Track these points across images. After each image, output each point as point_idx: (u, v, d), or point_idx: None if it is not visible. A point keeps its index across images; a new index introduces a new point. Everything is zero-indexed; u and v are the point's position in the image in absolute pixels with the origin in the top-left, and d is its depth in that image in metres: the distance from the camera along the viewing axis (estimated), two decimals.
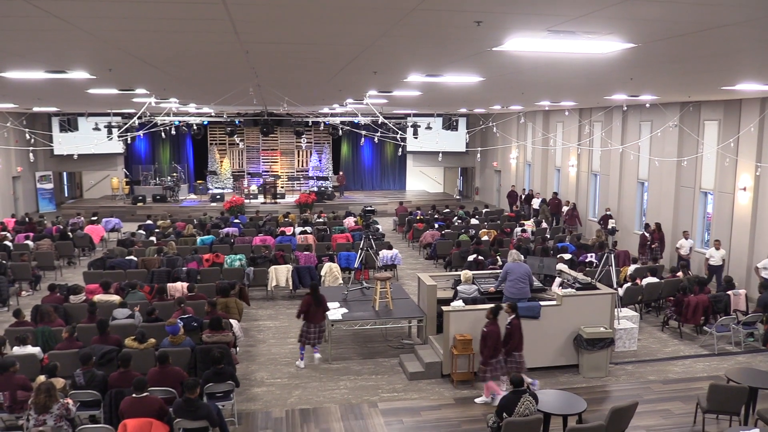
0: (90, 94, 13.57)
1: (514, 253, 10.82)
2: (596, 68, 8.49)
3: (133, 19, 5.08)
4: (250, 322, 12.80)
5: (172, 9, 4.62)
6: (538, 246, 16.28)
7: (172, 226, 19.58)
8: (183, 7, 4.53)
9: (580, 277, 11.35)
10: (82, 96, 14.21)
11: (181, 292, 11.96)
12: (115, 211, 24.80)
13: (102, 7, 4.56)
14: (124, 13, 4.77)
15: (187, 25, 5.37)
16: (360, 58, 7.54)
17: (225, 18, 4.90)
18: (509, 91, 13.46)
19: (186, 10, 4.65)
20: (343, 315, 10.83)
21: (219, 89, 13.23)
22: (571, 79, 10.34)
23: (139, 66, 8.39)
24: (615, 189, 20.04)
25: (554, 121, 24.03)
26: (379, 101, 16.96)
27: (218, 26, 5.33)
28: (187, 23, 5.26)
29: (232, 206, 25.08)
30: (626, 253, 15.93)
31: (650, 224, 17.03)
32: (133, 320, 10.02)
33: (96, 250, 19.09)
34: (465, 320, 9.85)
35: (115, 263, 14.25)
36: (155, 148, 30.66)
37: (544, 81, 10.85)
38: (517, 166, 27.65)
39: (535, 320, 9.99)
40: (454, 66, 8.33)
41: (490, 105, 20.77)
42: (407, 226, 21.55)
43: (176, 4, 4.44)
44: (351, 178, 32.05)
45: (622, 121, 19.41)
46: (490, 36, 5.65)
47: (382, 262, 15.73)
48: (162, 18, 5.01)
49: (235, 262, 14.57)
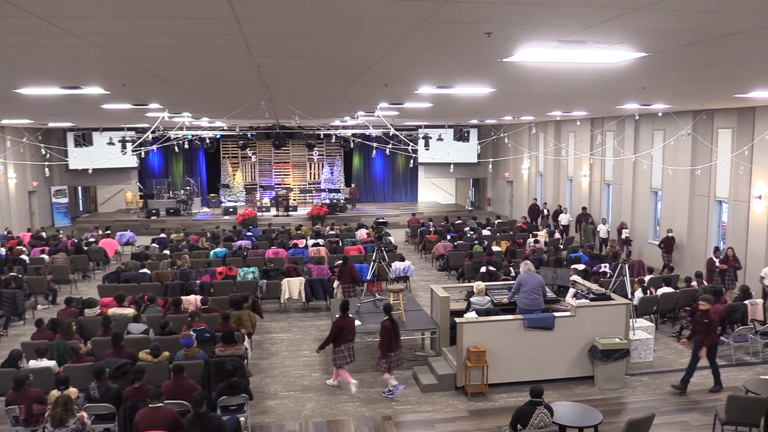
0: (104, 109, 13.73)
1: (527, 264, 10.77)
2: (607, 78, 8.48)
3: (147, 35, 5.15)
4: (263, 335, 12.81)
5: (185, 25, 4.69)
6: (551, 257, 16.20)
7: (185, 240, 19.69)
8: (196, 23, 4.60)
9: (594, 287, 11.27)
10: (97, 111, 14.38)
11: (195, 305, 12.01)
12: (129, 224, 24.99)
13: (118, 24, 4.63)
14: (139, 29, 4.85)
15: (199, 41, 5.44)
16: (371, 70, 7.58)
17: (237, 33, 4.96)
18: (520, 101, 13.45)
19: (199, 25, 4.71)
20: (356, 327, 10.80)
21: (231, 103, 13.34)
22: (582, 89, 10.33)
23: (153, 81, 8.49)
24: (628, 199, 19.92)
25: (566, 131, 23.98)
26: (391, 113, 17.01)
27: (230, 41, 5.39)
28: (200, 39, 5.32)
29: (245, 219, 25.20)
30: (640, 263, 15.80)
31: (720, 247, 15.14)
32: (147, 334, 10.06)
33: (110, 263, 19.23)
34: (479, 332, 9.80)
35: (129, 276, 14.34)
36: (168, 162, 30.93)
37: (555, 91, 10.84)
38: (529, 177, 27.58)
39: (549, 331, 9.93)
40: (464, 77, 8.35)
41: (501, 116, 20.76)
42: (419, 238, 21.53)
43: (189, 20, 4.50)
44: (363, 190, 32.12)
45: (634, 131, 19.32)
46: (500, 47, 5.67)
47: (395, 273, 15.70)
48: (175, 34, 5.08)
49: (248, 275, 14.61)
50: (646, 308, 12.61)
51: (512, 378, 9.93)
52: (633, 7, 4.07)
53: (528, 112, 18.21)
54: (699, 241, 16.68)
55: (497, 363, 9.78)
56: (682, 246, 17.02)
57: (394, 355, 9.59)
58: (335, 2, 3.98)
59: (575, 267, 14.31)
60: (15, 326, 13.44)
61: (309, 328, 13.38)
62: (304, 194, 31.11)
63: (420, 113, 17.82)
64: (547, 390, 9.48)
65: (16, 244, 18.43)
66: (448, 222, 23.74)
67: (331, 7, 4.11)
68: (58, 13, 4.22)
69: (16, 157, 22.66)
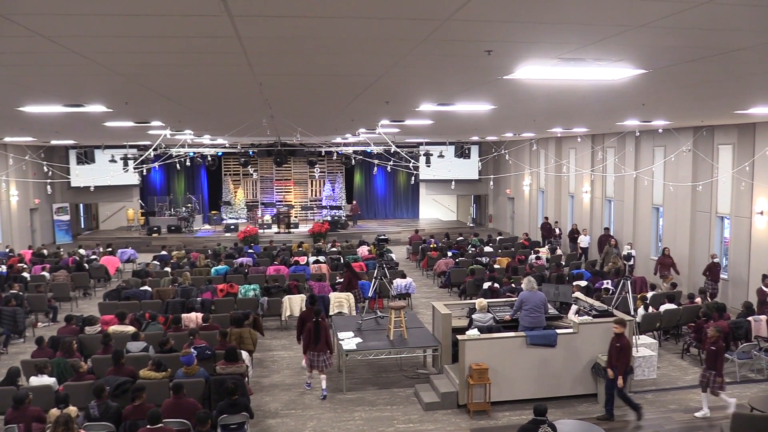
0: (106, 127, 13.80)
1: (529, 280, 10.72)
2: (608, 95, 8.51)
3: (150, 54, 5.19)
4: (264, 353, 12.75)
5: (187, 44, 4.73)
6: (553, 273, 16.15)
7: (186, 257, 19.67)
8: (198, 41, 4.63)
9: (597, 304, 11.23)
10: (99, 129, 14.45)
11: (196, 323, 11.97)
12: (130, 242, 25.00)
13: (120, 42, 4.67)
14: (142, 48, 4.89)
15: (202, 59, 5.48)
16: (372, 88, 7.61)
17: (239, 52, 4.99)
18: (521, 118, 13.50)
19: (201, 44, 4.75)
20: (358, 345, 10.76)
21: (233, 120, 13.40)
22: (582, 105, 10.37)
23: (155, 99, 8.54)
24: (630, 215, 19.91)
25: (567, 147, 24.03)
26: (392, 130, 17.08)
27: (232, 60, 5.43)
28: (203, 57, 5.36)
29: (246, 236, 25.19)
30: (643, 279, 15.74)
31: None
32: (147, 352, 10.01)
33: (111, 281, 19.21)
34: (481, 349, 9.74)
35: (130, 294, 14.31)
36: (170, 179, 30.99)
37: (556, 108, 10.88)
38: (530, 193, 27.60)
39: (551, 348, 9.87)
40: (465, 94, 8.39)
41: (502, 132, 20.83)
42: (421, 255, 21.50)
43: (192, 39, 4.54)
44: (364, 206, 32.13)
45: (635, 147, 19.36)
46: (500, 65, 5.70)
47: (396, 290, 15.66)
48: (177, 52, 5.12)
49: (249, 292, 14.57)
50: (649, 325, 12.54)
51: (515, 396, 9.86)
52: (632, 25, 4.10)
53: (529, 128, 18.27)
54: (701, 258, 16.63)
55: (500, 381, 9.72)
56: (683, 262, 16.96)
57: (317, 355, 10.22)
58: (335, 21, 4.02)
59: (577, 283, 14.26)
60: (15, 344, 13.39)
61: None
62: (306, 211, 31.13)
63: (421, 130, 17.88)
64: (550, 408, 9.39)
65: (17, 262, 18.43)
66: (449, 238, 23.71)
67: (331, 26, 4.15)
68: (62, 32, 4.27)
69: (18, 175, 22.73)
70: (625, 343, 9.23)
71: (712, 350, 9.24)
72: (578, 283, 14.32)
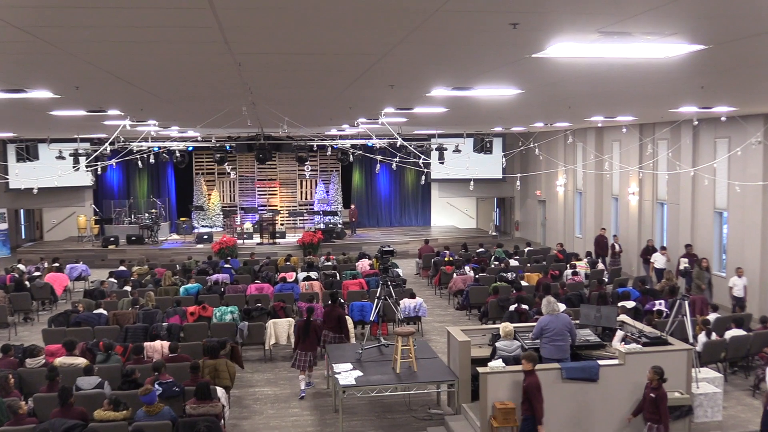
0: (53, 116, 13.84)
1: (548, 301, 10.61)
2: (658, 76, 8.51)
3: (105, 29, 5.20)
4: (244, 389, 12.74)
5: (151, 16, 4.73)
6: (593, 292, 16.12)
7: (150, 273, 19.69)
8: (164, 13, 4.64)
9: (648, 329, 11.19)
10: (44, 118, 14.50)
11: (161, 353, 11.96)
12: (81, 255, 25.03)
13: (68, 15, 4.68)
14: (95, 21, 4.89)
15: (168, 34, 5.49)
16: (373, 69, 7.63)
17: (213, 25, 5.00)
18: (553, 105, 13.50)
19: (167, 16, 4.76)
20: (357, 379, 10.74)
21: (207, 109, 13.43)
22: (628, 89, 10.36)
23: (112, 82, 8.56)
24: (687, 221, 19.87)
25: (609, 139, 24.00)
26: (397, 120, 17.08)
27: (205, 35, 5.44)
28: (169, 32, 5.37)
29: (222, 248, 25.22)
30: (703, 299, 15.69)
31: None
32: (102, 389, 10.01)
33: (58, 302, 19.22)
34: (506, 384, 9.72)
35: (81, 319, 14.32)
36: (130, 179, 31.09)
37: (596, 92, 10.88)
38: (565, 195, 27.58)
39: (592, 383, 9.84)
40: (486, 77, 8.39)
41: (530, 122, 20.83)
42: (433, 270, 21.49)
43: (156, 10, 4.55)
44: (364, 212, 32.17)
45: (692, 139, 19.34)
46: (529, 40, 5.70)
47: (404, 313, 15.64)
48: (139, 26, 5.12)
49: (226, 316, 14.57)
50: (712, 355, 12.49)
51: None
52: None
53: (563, 117, 18.26)
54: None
55: None
56: (753, 279, 16.90)
57: (303, 354, 12.14)
58: None
59: (623, 304, 14.23)
60: None
61: (300, 380, 13.30)
62: (294, 218, 31.18)
63: (433, 120, 17.89)
64: None
65: None
66: (467, 250, 23.69)
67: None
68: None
69: None
70: (534, 383, 8.99)
71: None
72: (624, 304, 14.29)
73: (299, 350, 12.27)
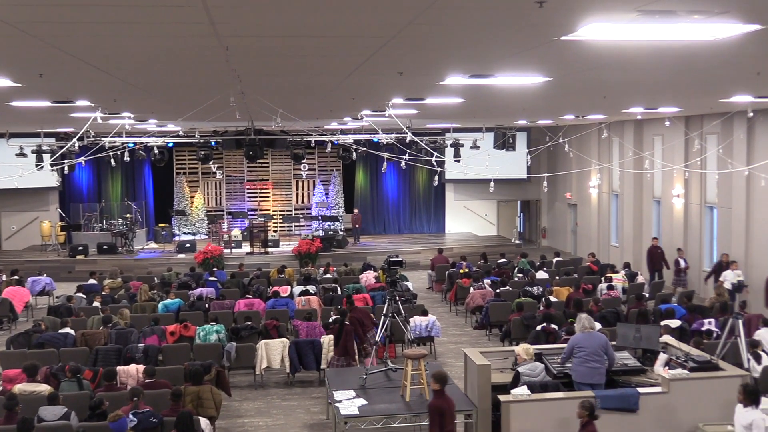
0: (13, 108, 13.89)
1: (583, 318, 10.66)
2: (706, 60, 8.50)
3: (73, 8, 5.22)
4: (232, 420, 12.75)
5: None
6: (632, 309, 16.06)
7: (123, 287, 19.70)
8: None
9: (695, 352, 11.15)
10: (2, 110, 14.55)
11: (136, 379, 11.98)
12: (45, 267, 25.04)
13: None
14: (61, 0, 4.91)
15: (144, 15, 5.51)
16: (379, 54, 7.64)
17: (197, 4, 5.02)
18: (585, 94, 13.49)
19: None
20: (361, 408, 10.73)
21: (189, 99, 13.47)
22: (671, 76, 10.36)
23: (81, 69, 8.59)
24: (740, 228, 19.78)
25: (650, 134, 23.96)
26: (407, 112, 17.10)
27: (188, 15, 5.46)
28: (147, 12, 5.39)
29: (207, 258, 25.24)
30: (759, 317, 15.61)
31: None
32: (68, 421, 10.01)
33: (18, 320, 19.26)
34: (532, 414, 9.72)
35: (44, 339, 14.33)
36: (102, 180, 31.15)
37: (634, 80, 10.87)
38: (599, 198, 27.52)
39: (632, 414, 9.82)
40: (508, 63, 8.40)
41: (559, 114, 20.80)
42: (448, 283, 21.48)
43: None
44: (369, 217, 32.19)
45: (746, 133, 19.28)
46: (557, 21, 5.71)
47: (415, 333, 15.62)
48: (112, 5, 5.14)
49: (211, 336, 14.58)
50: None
51: None
52: None
53: (597, 108, 18.24)
54: None
55: None
56: None
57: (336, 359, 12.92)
58: None
59: (667, 323, 14.19)
60: None
61: (295, 409, 13.30)
62: (289, 224, 31.21)
63: (447, 112, 17.89)
64: None
65: None
66: (487, 261, 23.67)
67: None
68: None
69: None
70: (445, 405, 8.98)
71: None
72: (668, 323, 14.24)
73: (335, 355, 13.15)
